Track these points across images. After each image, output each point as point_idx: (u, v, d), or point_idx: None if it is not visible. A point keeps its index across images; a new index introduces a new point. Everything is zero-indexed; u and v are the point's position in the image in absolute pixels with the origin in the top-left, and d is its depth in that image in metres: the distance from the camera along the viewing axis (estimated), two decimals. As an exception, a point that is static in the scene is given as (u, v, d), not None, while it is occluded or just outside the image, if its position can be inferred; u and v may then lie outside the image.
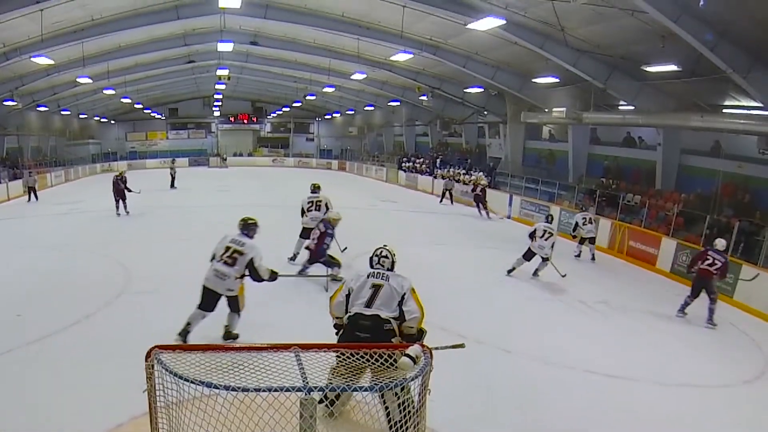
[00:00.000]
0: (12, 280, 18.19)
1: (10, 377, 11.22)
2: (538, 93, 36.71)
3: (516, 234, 30.51)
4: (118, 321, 14.59)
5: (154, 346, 6.58)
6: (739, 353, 14.99)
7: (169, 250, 22.86)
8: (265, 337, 7.83)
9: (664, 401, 11.66)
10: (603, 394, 11.75)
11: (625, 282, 21.33)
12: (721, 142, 28.67)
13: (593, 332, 15.51)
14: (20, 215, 33.17)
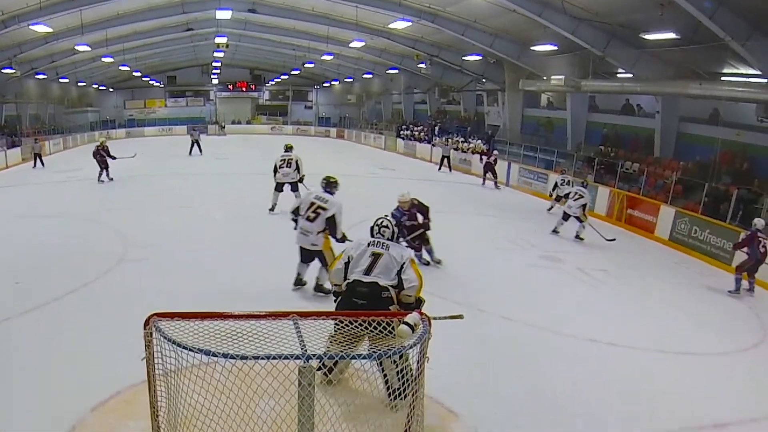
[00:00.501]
0: (11, 248, 18.20)
1: (8, 345, 11.23)
2: (537, 61, 36.59)
3: (515, 202, 30.63)
4: (116, 289, 14.57)
5: (153, 313, 6.49)
6: (738, 322, 14.99)
7: (167, 218, 22.84)
8: (264, 305, 7.81)
9: (663, 369, 11.67)
10: (603, 362, 11.74)
11: (624, 250, 21.29)
12: (720, 110, 28.55)
13: (593, 300, 15.51)
14: (19, 183, 33.13)
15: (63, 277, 15.11)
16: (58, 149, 51.73)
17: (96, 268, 15.90)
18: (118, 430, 8.31)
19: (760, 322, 15.06)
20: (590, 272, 17.86)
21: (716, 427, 9.60)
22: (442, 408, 9.38)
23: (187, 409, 6.73)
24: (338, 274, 9.51)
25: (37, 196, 28.53)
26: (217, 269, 16.06)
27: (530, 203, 31.24)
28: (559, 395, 10.19)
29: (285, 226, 14.18)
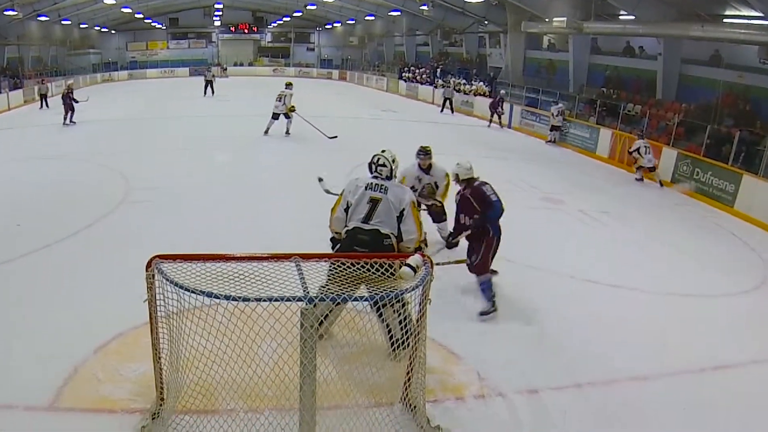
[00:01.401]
0: (12, 190, 18.19)
1: (10, 287, 11.24)
2: (539, 2, 36.36)
3: (517, 144, 30.60)
4: (118, 231, 14.58)
5: (155, 255, 6.55)
6: (740, 263, 14.98)
7: (169, 160, 22.78)
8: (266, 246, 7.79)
9: (665, 311, 11.69)
10: (605, 303, 11.74)
11: (626, 192, 21.26)
12: (722, 52, 28.39)
13: (594, 242, 15.48)
14: (21, 125, 33.07)
15: (64, 219, 15.11)
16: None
17: (97, 210, 15.89)
18: (120, 372, 8.31)
19: (762, 263, 15.04)
20: (592, 214, 17.81)
21: (717, 369, 9.60)
22: (444, 350, 9.38)
23: (189, 351, 6.80)
24: (339, 222, 9.16)
25: (39, 138, 28.38)
26: (219, 211, 16.03)
27: (532, 145, 31.17)
28: (562, 337, 10.20)
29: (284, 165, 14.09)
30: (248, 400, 7.42)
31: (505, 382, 8.68)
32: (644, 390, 8.87)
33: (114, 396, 7.76)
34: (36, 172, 20.66)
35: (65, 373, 8.21)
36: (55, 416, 7.44)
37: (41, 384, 7.88)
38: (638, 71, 34.65)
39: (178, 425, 7.12)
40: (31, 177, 19.87)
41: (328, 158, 14.38)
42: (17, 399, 7.57)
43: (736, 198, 19.46)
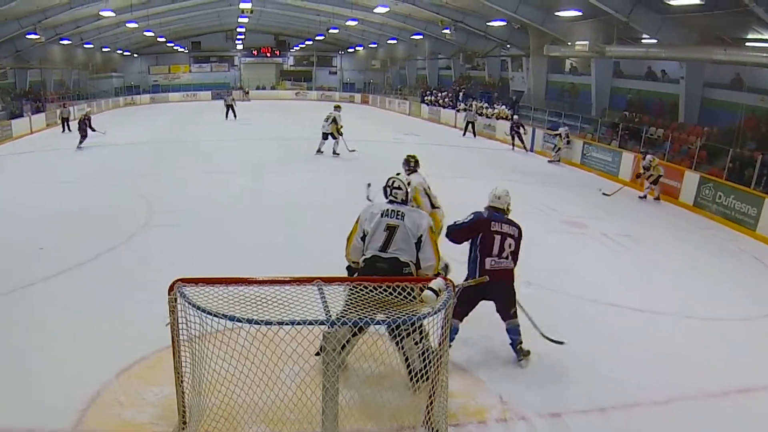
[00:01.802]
0: (35, 213, 18.27)
1: (32, 310, 11.32)
2: (561, 26, 36.32)
3: (539, 167, 30.50)
4: (140, 254, 14.66)
5: (177, 279, 6.60)
6: (762, 288, 14.84)
7: (191, 184, 22.86)
8: (289, 271, 7.81)
9: (687, 334, 11.65)
10: (626, 327, 11.71)
11: (648, 215, 21.20)
12: (743, 76, 28.32)
13: (617, 266, 15.44)
14: (43, 148, 33.30)
15: (87, 242, 15.18)
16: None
17: (120, 233, 15.98)
18: (142, 395, 8.35)
19: (785, 287, 14.93)
20: (615, 238, 17.76)
21: (740, 392, 9.55)
22: (466, 374, 9.40)
23: (212, 375, 6.81)
24: (356, 251, 8.93)
25: (61, 161, 28.60)
26: (241, 234, 16.08)
27: (554, 169, 31.12)
28: (584, 361, 10.15)
29: (307, 189, 14.11)
30: (270, 424, 7.42)
31: (527, 405, 8.69)
32: (667, 414, 8.85)
33: (136, 420, 7.80)
34: (59, 195, 20.77)
35: (88, 396, 8.25)
36: None
37: (64, 408, 7.92)
38: (660, 95, 34.47)
39: None
40: (54, 200, 19.97)
41: (352, 180, 14.26)
42: (40, 423, 7.63)
43: (758, 222, 19.31)
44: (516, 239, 10.14)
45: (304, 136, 34.02)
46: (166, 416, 7.75)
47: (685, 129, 29.82)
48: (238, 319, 5.85)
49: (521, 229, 10.29)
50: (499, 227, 10.06)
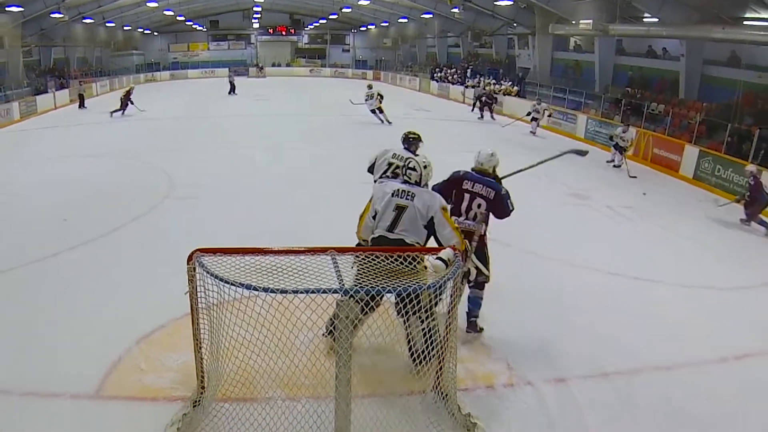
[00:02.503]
0: (59, 186, 18.33)
1: (57, 280, 11.36)
2: (566, 5, 36.19)
3: (544, 142, 30.37)
4: (161, 226, 14.73)
5: (196, 249, 6.60)
6: (758, 258, 14.82)
7: (210, 158, 22.87)
8: (303, 242, 7.80)
9: (685, 302, 11.65)
10: (629, 295, 11.69)
11: (650, 188, 21.08)
12: (740, 54, 28.28)
13: (619, 236, 15.39)
14: (66, 123, 33.31)
15: (109, 214, 15.23)
16: (104, 91, 51.79)
17: (142, 205, 16.04)
18: (162, 361, 8.37)
19: (781, 257, 14.90)
20: (617, 209, 17.70)
21: (739, 359, 9.54)
22: (474, 341, 9.42)
23: (229, 341, 6.81)
24: (367, 230, 8.58)
25: (84, 136, 28.69)
26: (258, 207, 16.08)
27: (559, 143, 31.00)
28: (588, 328, 10.15)
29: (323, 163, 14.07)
30: (286, 389, 7.47)
31: (533, 371, 8.69)
32: (669, 379, 8.84)
33: (156, 385, 7.84)
34: (82, 168, 20.81)
35: (109, 363, 8.29)
36: (99, 404, 7.50)
37: (86, 374, 7.96)
38: (661, 72, 34.47)
39: (218, 413, 7.17)
40: (78, 173, 20.01)
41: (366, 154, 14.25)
42: (63, 388, 7.65)
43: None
44: (489, 201, 9.63)
45: (319, 112, 34.02)
46: (185, 381, 7.78)
47: (685, 104, 29.78)
48: (254, 287, 5.85)
49: (501, 193, 9.77)
50: (471, 186, 9.63)
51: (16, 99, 36.03)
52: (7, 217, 15.27)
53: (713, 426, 7.75)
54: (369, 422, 6.70)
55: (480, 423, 7.17)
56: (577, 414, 7.80)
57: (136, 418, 7.20)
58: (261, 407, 6.98)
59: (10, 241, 13.47)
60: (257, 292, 5.86)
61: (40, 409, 7.36)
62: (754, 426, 7.85)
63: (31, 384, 7.76)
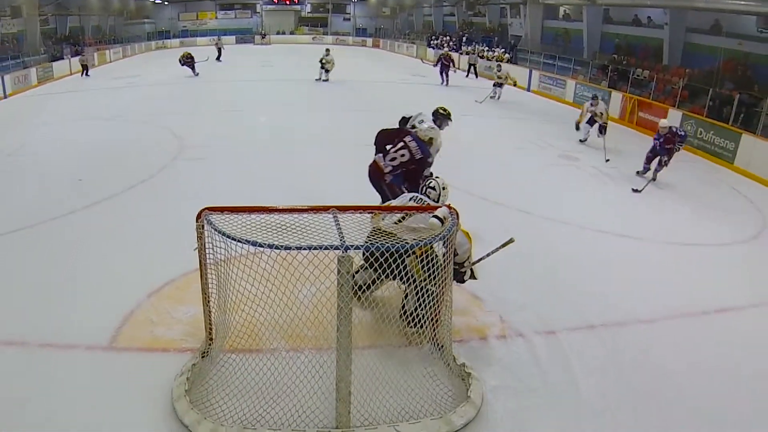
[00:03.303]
0: (74, 147, 18.27)
1: (73, 236, 11.40)
2: (556, -24, 36.10)
3: (536, 106, 30.36)
4: (171, 185, 14.68)
5: (204, 208, 6.67)
6: (739, 215, 14.83)
7: (218, 121, 22.75)
8: (306, 200, 7.79)
9: (668, 258, 11.69)
10: (614, 252, 11.72)
11: (635, 149, 21.00)
12: (722, 22, 28.13)
13: (605, 196, 15.35)
14: (81, 89, 33.17)
15: (122, 174, 15.18)
16: (117, 58, 51.58)
17: (153, 166, 15.98)
18: (172, 314, 8.39)
19: (760, 215, 14.90)
20: (603, 169, 17.65)
21: (719, 312, 9.59)
22: (468, 294, 9.43)
23: (236, 295, 6.84)
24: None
25: (97, 100, 28.48)
26: (264, 167, 16.04)
27: (550, 107, 30.92)
28: (576, 283, 10.19)
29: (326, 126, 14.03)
30: (290, 340, 7.51)
31: (524, 323, 8.76)
32: (652, 331, 8.90)
33: (167, 336, 7.88)
34: (95, 130, 20.76)
35: (122, 315, 8.32)
36: (112, 355, 7.53)
37: (100, 326, 8.01)
38: (646, 39, 34.31)
39: (225, 363, 7.23)
40: (92, 135, 19.95)
41: (366, 119, 14.06)
42: (78, 339, 7.71)
43: (736, 155, 19.44)
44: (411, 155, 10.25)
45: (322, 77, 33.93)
46: (194, 333, 7.84)
47: (669, 70, 29.66)
48: (259, 244, 5.91)
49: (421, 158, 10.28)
50: (409, 141, 10.33)
51: (33, 65, 35.89)
52: (26, 176, 15.26)
53: (694, 376, 7.78)
54: (369, 372, 6.72)
55: (474, 372, 7.21)
56: (565, 364, 7.84)
57: (147, 368, 7.23)
58: (266, 358, 7.02)
59: (28, 200, 13.46)
60: (262, 248, 5.92)
61: (56, 359, 7.40)
62: (734, 375, 7.88)
63: (48, 336, 7.80)
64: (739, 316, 9.61)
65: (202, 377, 7.01)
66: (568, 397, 7.23)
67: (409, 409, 6.61)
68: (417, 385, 6.95)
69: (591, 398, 7.22)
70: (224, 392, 6.74)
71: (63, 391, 6.80)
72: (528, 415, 6.87)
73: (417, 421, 6.45)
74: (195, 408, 6.40)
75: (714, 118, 21.69)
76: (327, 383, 6.60)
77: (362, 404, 6.51)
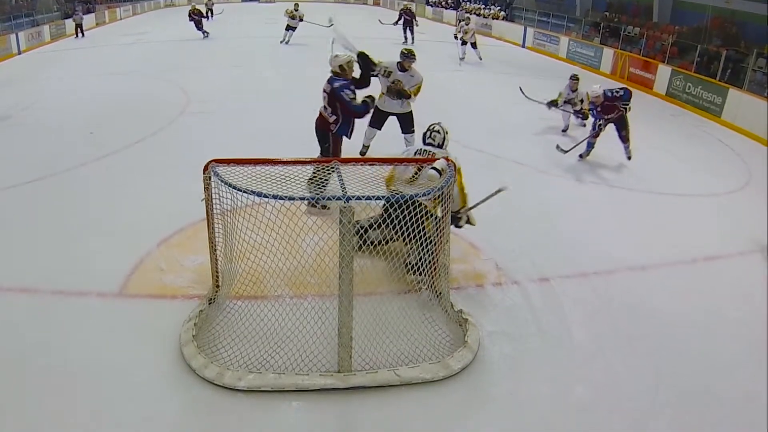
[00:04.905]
0: (85, 102, 18.17)
1: (84, 187, 11.38)
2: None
3: (530, 61, 30.26)
4: (179, 138, 14.61)
5: (211, 160, 6.64)
6: (726, 166, 14.85)
7: (225, 76, 22.60)
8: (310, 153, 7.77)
9: (658, 209, 11.70)
10: (606, 202, 11.73)
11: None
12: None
13: (596, 150, 15.24)
14: (90, 45, 33.01)
15: (132, 127, 15.09)
16: (127, 15, 51.19)
17: (161, 120, 15.89)
18: (180, 262, 8.39)
19: (746, 166, 14.88)
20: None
21: (707, 260, 9.61)
22: (465, 242, 9.40)
23: (241, 244, 6.84)
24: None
25: (107, 56, 28.33)
26: (269, 121, 15.98)
27: (544, 62, 30.83)
28: (569, 233, 10.22)
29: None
30: (293, 288, 7.53)
31: (519, 271, 8.77)
32: (642, 278, 8.93)
33: (175, 284, 7.89)
34: (106, 85, 20.64)
35: (132, 263, 8.33)
36: (123, 302, 7.54)
37: (111, 273, 8.01)
38: (637, -4, 34.09)
39: (231, 309, 7.24)
40: (102, 91, 19.82)
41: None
42: (90, 287, 7.71)
43: (723, 109, 19.45)
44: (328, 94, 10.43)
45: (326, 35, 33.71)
46: (202, 280, 7.83)
47: (659, 27, 29.51)
48: (264, 195, 5.90)
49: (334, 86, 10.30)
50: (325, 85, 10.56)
51: (46, 22, 35.70)
52: (40, 130, 15.18)
53: (683, 320, 7.81)
54: (369, 318, 6.72)
55: (471, 318, 7.21)
56: (559, 310, 7.85)
57: (156, 314, 7.25)
58: (271, 304, 7.00)
59: (42, 152, 13.42)
60: (267, 198, 5.91)
61: (68, 305, 7.41)
62: (720, 319, 7.92)
63: (60, 283, 7.80)
64: (726, 263, 9.64)
65: (209, 323, 7.02)
66: (561, 342, 7.24)
67: (409, 353, 6.62)
68: (416, 331, 6.95)
69: (584, 343, 7.23)
70: (230, 337, 6.76)
71: (75, 336, 6.82)
72: (523, 359, 6.88)
73: (416, 365, 6.45)
74: (202, 352, 6.41)
75: (702, 74, 21.70)
76: (329, 329, 6.59)
77: (363, 349, 6.51)
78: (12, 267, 8.33)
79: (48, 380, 6.14)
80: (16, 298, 7.55)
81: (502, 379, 6.58)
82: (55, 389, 6.03)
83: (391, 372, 6.34)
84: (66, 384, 6.11)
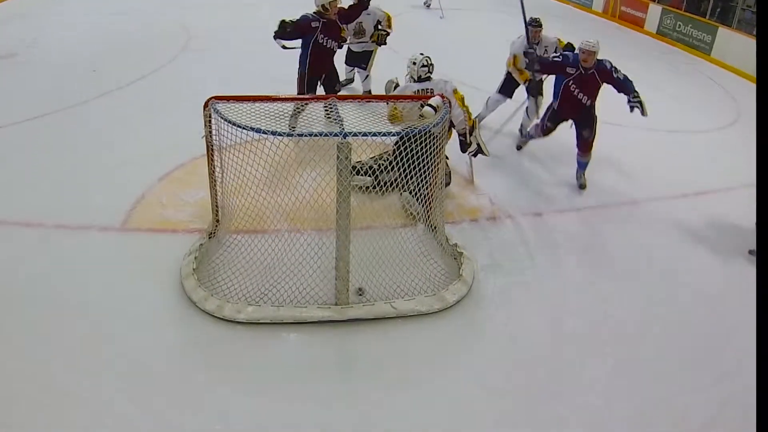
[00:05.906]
0: (86, 40, 17.85)
1: (86, 124, 11.26)
2: None
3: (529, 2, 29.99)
4: (180, 75, 14.43)
5: (211, 96, 6.58)
6: (716, 104, 14.76)
7: (225, 14, 22.29)
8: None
9: (651, 145, 11.67)
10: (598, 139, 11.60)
11: (618, 42, 20.71)
12: None
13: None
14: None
15: (134, 64, 14.87)
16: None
17: (162, 56, 15.68)
18: (181, 197, 8.35)
19: (735, 103, 14.78)
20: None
21: (698, 195, 9.65)
22: (461, 178, 9.37)
23: (241, 180, 6.74)
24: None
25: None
26: (269, 59, 15.80)
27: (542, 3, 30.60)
28: (562, 168, 10.17)
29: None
30: (292, 222, 7.48)
31: (513, 206, 8.77)
32: (634, 212, 9.01)
33: (176, 218, 7.89)
34: (107, 24, 20.35)
35: (133, 198, 8.29)
36: (124, 236, 7.55)
37: (113, 208, 7.99)
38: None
39: (231, 243, 7.26)
40: (105, 29, 19.54)
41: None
42: (92, 221, 7.71)
43: (712, 47, 19.38)
44: None
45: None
46: (202, 215, 7.82)
47: (651, -34, 29.28)
48: (263, 131, 5.87)
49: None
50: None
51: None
52: (43, 68, 14.94)
53: (673, 252, 7.87)
54: (366, 251, 6.71)
55: (465, 252, 7.22)
56: (551, 244, 7.89)
57: (157, 248, 7.26)
58: (269, 238, 6.99)
59: (46, 89, 13.20)
60: (266, 135, 5.88)
61: (71, 239, 7.42)
62: (709, 251, 8.03)
63: (63, 217, 7.77)
64: (718, 198, 9.68)
65: (209, 257, 7.04)
66: (554, 274, 7.28)
67: (405, 286, 6.62)
68: (412, 264, 6.95)
69: (575, 275, 7.28)
70: (230, 270, 6.77)
71: (78, 269, 6.85)
72: (517, 291, 6.91)
73: (412, 297, 6.46)
74: (202, 285, 6.42)
75: (692, 12, 21.39)
76: (327, 262, 6.60)
77: (360, 282, 6.54)
78: (16, 202, 8.26)
79: (51, 312, 6.17)
80: (20, 232, 7.53)
81: (497, 311, 6.61)
82: (57, 321, 6.04)
83: (387, 304, 6.36)
84: (68, 316, 6.12)
